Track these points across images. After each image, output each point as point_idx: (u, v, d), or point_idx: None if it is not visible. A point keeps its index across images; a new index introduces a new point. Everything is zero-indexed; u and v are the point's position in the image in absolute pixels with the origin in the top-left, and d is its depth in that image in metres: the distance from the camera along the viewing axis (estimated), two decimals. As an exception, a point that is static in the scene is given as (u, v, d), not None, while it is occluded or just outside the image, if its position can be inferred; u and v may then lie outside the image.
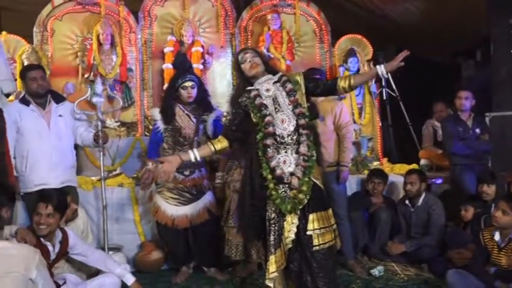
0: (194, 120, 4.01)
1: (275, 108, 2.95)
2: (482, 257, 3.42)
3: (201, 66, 5.70)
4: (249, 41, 6.06)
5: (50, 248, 3.02)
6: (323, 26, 6.16)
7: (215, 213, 4.06)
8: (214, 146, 3.08)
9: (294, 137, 2.91)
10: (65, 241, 3.14)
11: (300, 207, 2.84)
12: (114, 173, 4.54)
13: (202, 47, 5.76)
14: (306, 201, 2.84)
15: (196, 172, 4.02)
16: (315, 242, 2.81)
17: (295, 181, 2.84)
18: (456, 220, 4.31)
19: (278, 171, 2.85)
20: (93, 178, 4.58)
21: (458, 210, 4.19)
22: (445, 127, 4.97)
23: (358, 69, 5.88)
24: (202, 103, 4.10)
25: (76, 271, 3.38)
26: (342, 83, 3.04)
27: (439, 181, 5.17)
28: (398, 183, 4.84)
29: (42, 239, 3.00)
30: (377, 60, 6.38)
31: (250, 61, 3.02)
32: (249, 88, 3.04)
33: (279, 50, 5.87)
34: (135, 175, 4.61)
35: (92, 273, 3.39)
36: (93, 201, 4.35)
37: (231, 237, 4.03)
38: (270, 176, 2.85)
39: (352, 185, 4.76)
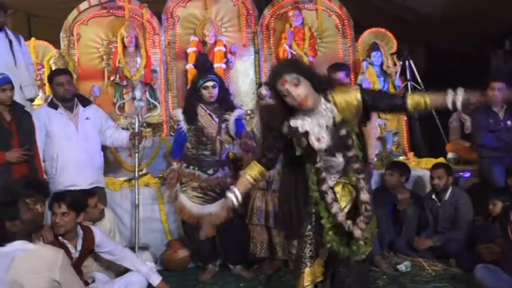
0: (216, 119, 4.05)
1: (328, 151, 2.52)
2: (510, 251, 3.35)
3: (224, 66, 5.75)
4: (271, 39, 6.07)
5: (70, 246, 3.08)
6: (345, 21, 6.12)
7: (239, 211, 4.09)
8: (251, 176, 2.70)
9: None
10: (89, 239, 3.20)
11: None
12: (140, 173, 4.63)
13: (225, 46, 5.81)
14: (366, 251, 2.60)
15: (219, 171, 4.07)
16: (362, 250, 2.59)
17: (357, 232, 2.51)
18: (484, 214, 4.23)
19: (339, 219, 2.53)
20: (120, 179, 4.68)
21: (486, 204, 4.10)
22: (475, 119, 4.86)
23: (382, 63, 5.82)
24: (224, 102, 4.13)
25: (105, 270, 3.46)
26: (414, 104, 2.54)
27: (467, 175, 5.07)
28: (425, 177, 4.77)
29: (60, 238, 3.07)
30: (401, 53, 6.31)
31: (299, 94, 2.39)
32: (294, 126, 2.51)
33: (302, 46, 5.87)
34: (161, 175, 4.69)
35: (120, 271, 3.46)
36: (120, 201, 4.46)
37: (256, 234, 4.05)
38: (329, 225, 2.55)
39: (376, 180, 4.71)
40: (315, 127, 2.48)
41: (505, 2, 5.89)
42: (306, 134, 2.48)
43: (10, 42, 4.33)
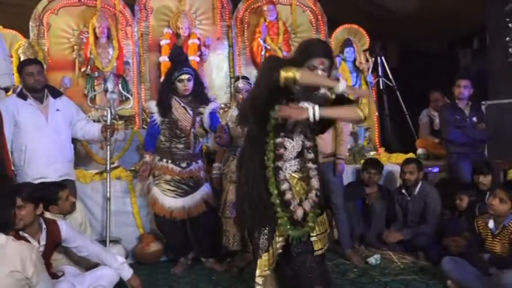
0: (191, 112, 4.03)
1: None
2: (476, 244, 3.47)
3: (198, 59, 5.72)
4: (246, 33, 6.07)
5: (32, 240, 2.95)
6: (319, 17, 6.17)
7: (212, 204, 4.09)
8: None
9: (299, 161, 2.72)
10: (54, 233, 3.10)
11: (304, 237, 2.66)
12: (112, 166, 4.56)
13: (199, 39, 5.78)
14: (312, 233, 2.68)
15: (193, 164, 4.05)
16: (316, 246, 2.70)
17: (300, 212, 2.62)
18: (452, 208, 4.35)
19: (287, 196, 2.62)
20: (91, 171, 4.61)
21: (454, 199, 4.22)
22: (442, 115, 4.99)
23: (355, 59, 5.89)
24: (199, 95, 4.11)
25: (75, 264, 3.40)
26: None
27: (436, 170, 5.20)
28: (395, 172, 4.87)
29: (20, 232, 2.92)
30: (374, 50, 6.40)
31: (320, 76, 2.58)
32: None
33: (276, 41, 5.89)
34: (133, 168, 4.64)
35: (90, 265, 3.41)
36: (91, 194, 4.39)
37: (229, 227, 4.06)
38: (277, 200, 2.62)
39: (348, 175, 4.79)
40: (308, 101, 2.61)
41: (473, 3, 6.04)
42: (298, 96, 2.60)
43: None
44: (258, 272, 2.74)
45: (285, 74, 2.43)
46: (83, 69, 5.53)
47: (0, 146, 3.60)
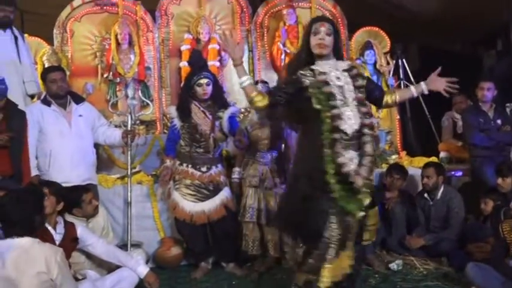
0: (210, 116, 4.06)
1: (342, 101, 2.70)
2: (501, 250, 3.38)
3: (218, 64, 5.73)
4: (265, 37, 6.07)
5: (50, 228, 3.14)
6: (339, 19, 6.12)
7: (232, 209, 4.10)
8: (257, 93, 2.78)
9: (357, 136, 2.70)
10: (70, 229, 3.25)
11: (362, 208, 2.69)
12: (133, 170, 4.62)
13: (219, 44, 5.79)
14: (367, 202, 2.71)
15: (213, 168, 4.07)
16: (365, 237, 2.75)
17: (359, 181, 2.64)
18: (476, 213, 4.26)
19: (345, 169, 2.63)
20: (112, 176, 4.67)
21: (478, 204, 4.13)
22: (465, 118, 4.91)
23: (375, 62, 5.84)
24: (218, 100, 4.14)
25: (96, 267, 3.45)
26: (389, 99, 2.94)
27: (459, 174, 5.10)
28: (417, 176, 4.79)
29: None
30: (395, 52, 6.33)
31: (321, 38, 2.73)
32: (315, 68, 2.75)
33: (295, 45, 5.86)
34: (154, 172, 4.68)
35: (112, 269, 3.45)
36: (113, 198, 4.44)
37: (248, 232, 4.07)
38: (333, 172, 2.63)
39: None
40: (333, 69, 2.76)
41: (497, 2, 5.93)
42: (326, 78, 2.71)
43: (15, 38, 4.30)
44: (322, 281, 2.62)
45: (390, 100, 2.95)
46: (105, 75, 5.60)
47: (19, 152, 3.68)
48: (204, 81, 4.01)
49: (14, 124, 3.69)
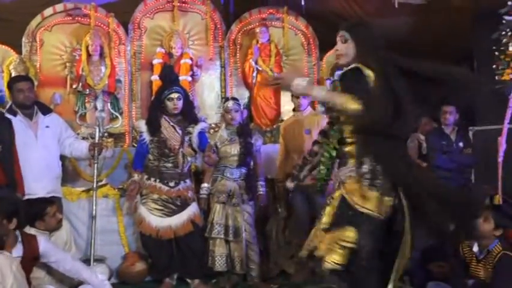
0: (179, 131, 4.06)
1: None
2: (460, 269, 3.47)
3: (190, 78, 5.74)
4: (238, 54, 6.13)
5: (5, 252, 2.90)
6: (311, 40, 6.24)
7: (199, 224, 4.08)
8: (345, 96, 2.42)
9: None
10: (31, 247, 3.08)
11: None
12: (99, 183, 4.55)
13: (191, 59, 5.81)
14: None
15: (181, 183, 4.06)
16: None
17: None
18: (438, 233, 4.35)
19: None
20: (78, 189, 4.59)
21: (440, 223, 4.23)
22: (429, 140, 5.04)
23: (345, 83, 5.94)
24: (188, 115, 4.15)
25: (57, 282, 3.37)
26: None
27: (423, 194, 5.21)
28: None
29: None
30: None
31: (336, 49, 2.61)
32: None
33: (267, 62, 5.94)
34: (121, 186, 4.63)
35: (73, 285, 3.38)
36: (77, 212, 4.37)
37: (215, 248, 4.05)
38: None
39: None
40: None
41: (461, 29, 6.15)
42: None
43: None
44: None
45: None
46: (74, 86, 5.52)
47: (11, 161, 3.61)
48: (174, 95, 4.02)
49: (1, 134, 3.63)
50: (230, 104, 4.18)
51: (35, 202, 3.55)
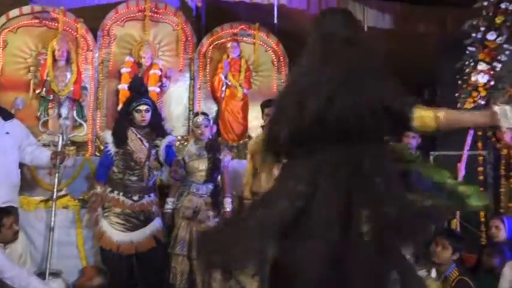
0: (147, 144, 3.99)
1: None
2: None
3: (158, 89, 5.67)
4: (208, 67, 6.11)
5: None
6: (281, 57, 6.29)
7: (162, 240, 4.00)
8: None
9: None
10: None
11: None
12: (59, 194, 4.41)
13: (161, 70, 5.75)
14: None
15: (145, 197, 3.99)
16: None
17: None
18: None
19: None
20: (35, 198, 4.43)
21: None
22: (392, 163, 5.15)
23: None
24: (156, 128, 4.09)
25: (10, 298, 3.22)
26: None
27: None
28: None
29: None
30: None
31: None
32: None
33: (237, 77, 5.94)
34: (82, 197, 4.49)
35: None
36: (34, 222, 4.21)
37: (177, 265, 3.98)
38: None
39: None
40: None
41: (426, 56, 6.36)
42: None
43: None
44: None
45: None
46: (37, 91, 5.35)
47: None
48: (143, 107, 3.96)
49: None
50: (200, 119, 4.15)
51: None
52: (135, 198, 3.93)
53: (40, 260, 4.11)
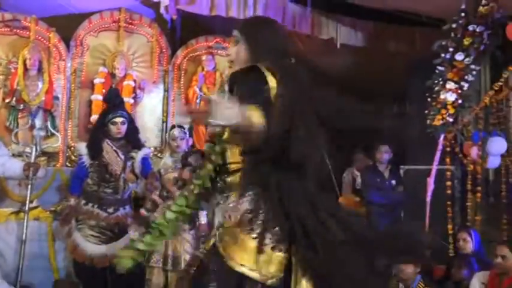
0: (122, 156, 3.97)
1: None
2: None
3: (132, 101, 5.64)
4: (182, 79, 6.11)
5: None
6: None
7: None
8: None
9: None
10: None
11: None
12: (30, 205, 4.31)
13: (134, 81, 5.73)
14: None
15: (120, 210, 3.97)
16: None
17: None
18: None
19: None
20: (5, 210, 4.32)
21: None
22: (364, 176, 5.28)
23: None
24: (132, 140, 4.08)
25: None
26: None
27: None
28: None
29: None
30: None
31: (227, 54, 2.04)
32: None
33: (211, 90, 5.96)
34: (54, 209, 4.42)
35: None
36: (5, 235, 4.12)
37: (152, 277, 3.94)
38: None
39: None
40: None
41: (396, 71, 6.53)
42: None
43: None
44: None
45: None
46: (7, 100, 5.25)
47: None
48: (119, 119, 3.94)
49: None
50: (176, 132, 4.15)
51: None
52: (110, 210, 3.90)
53: (11, 273, 4.01)
